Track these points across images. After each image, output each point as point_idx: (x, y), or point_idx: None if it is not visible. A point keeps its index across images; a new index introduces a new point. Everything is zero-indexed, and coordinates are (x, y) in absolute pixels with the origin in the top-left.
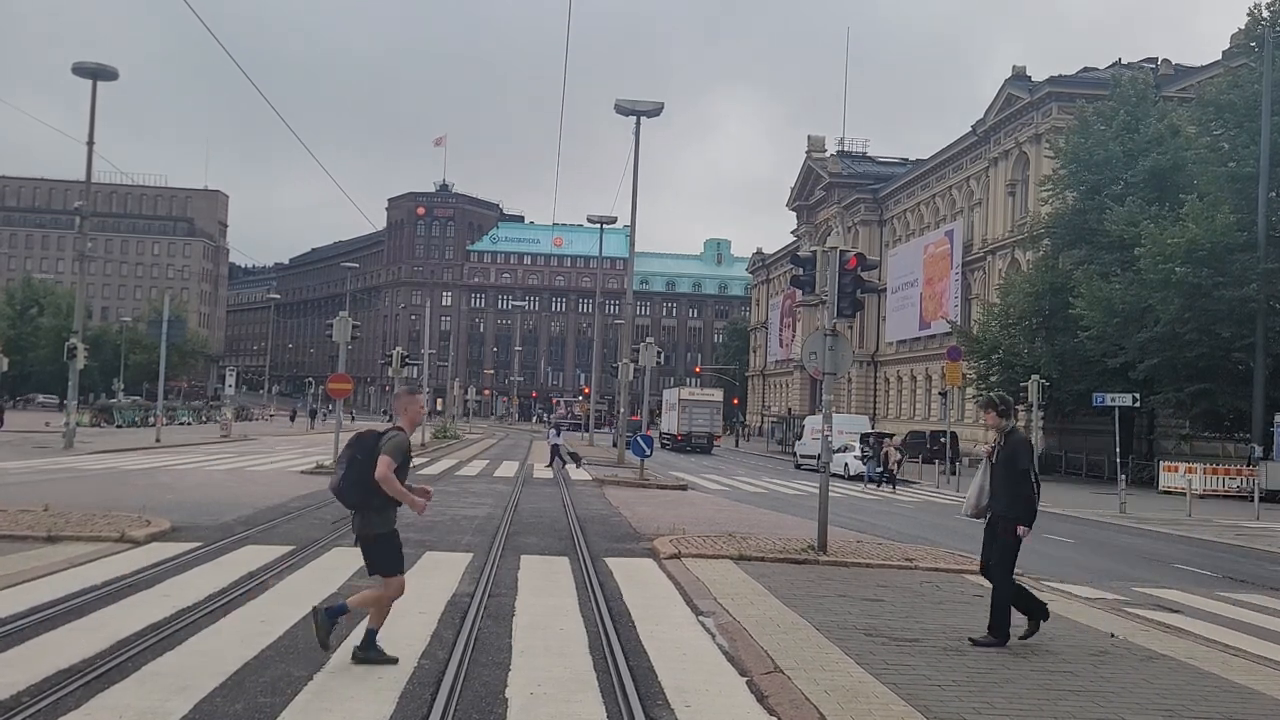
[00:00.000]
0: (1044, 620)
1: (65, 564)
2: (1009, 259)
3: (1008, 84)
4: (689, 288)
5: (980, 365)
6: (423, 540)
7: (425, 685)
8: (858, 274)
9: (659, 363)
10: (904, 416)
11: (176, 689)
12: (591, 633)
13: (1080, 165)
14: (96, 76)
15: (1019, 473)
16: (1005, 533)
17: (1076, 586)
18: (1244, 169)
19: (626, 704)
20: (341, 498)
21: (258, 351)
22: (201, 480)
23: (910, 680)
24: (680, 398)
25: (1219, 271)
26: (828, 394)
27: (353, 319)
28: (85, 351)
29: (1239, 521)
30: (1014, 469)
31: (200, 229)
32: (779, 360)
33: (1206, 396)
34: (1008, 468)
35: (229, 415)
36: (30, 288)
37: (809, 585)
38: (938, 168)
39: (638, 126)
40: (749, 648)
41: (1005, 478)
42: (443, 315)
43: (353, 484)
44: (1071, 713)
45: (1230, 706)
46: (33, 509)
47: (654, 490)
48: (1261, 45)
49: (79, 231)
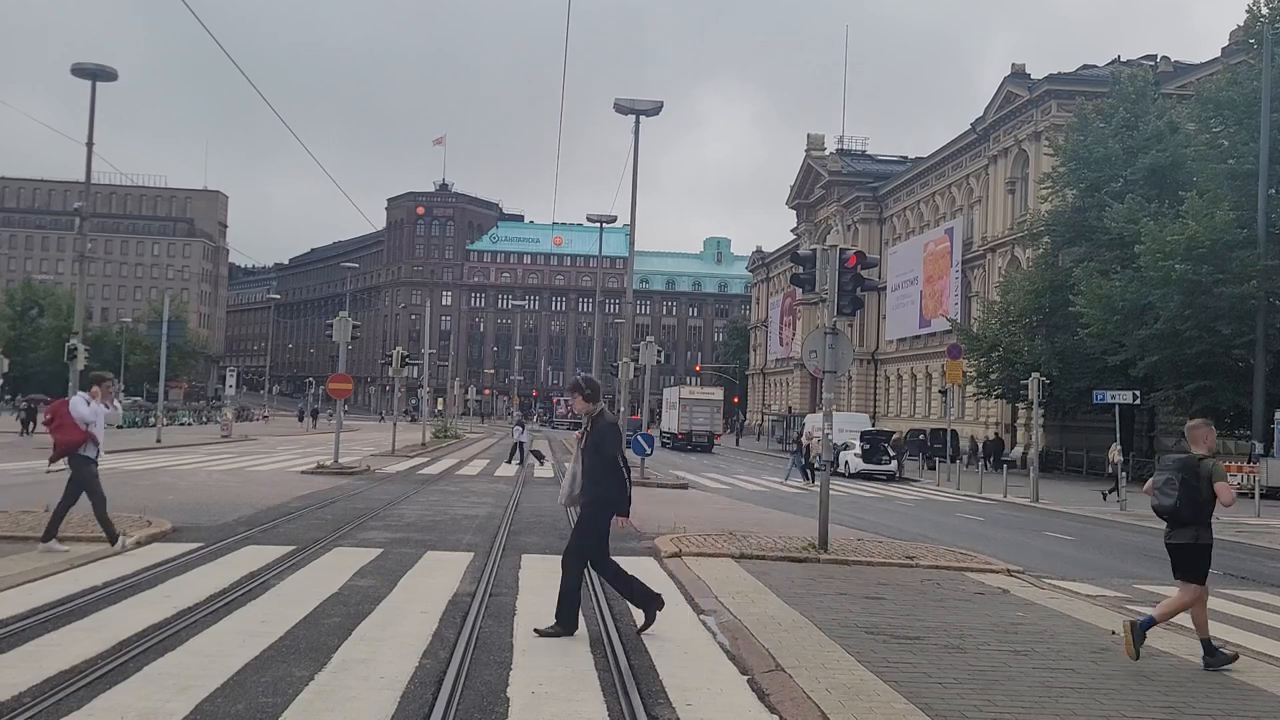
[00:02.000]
0: (660, 610)
1: (66, 565)
2: (1009, 257)
3: (1007, 81)
4: (689, 286)
5: (980, 363)
6: (424, 540)
7: (426, 685)
8: (858, 272)
9: (659, 362)
10: (904, 414)
11: (178, 689)
12: (592, 631)
13: (1080, 163)
14: (96, 77)
15: (607, 459)
16: (587, 520)
17: (1077, 584)
18: (1244, 166)
19: (628, 702)
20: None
21: (258, 352)
22: (202, 480)
23: (911, 678)
24: (681, 396)
25: (1219, 268)
26: (828, 392)
27: (353, 319)
28: (85, 352)
29: (1239, 519)
30: (602, 455)
31: (200, 229)
32: (779, 359)
33: (1207, 394)
34: (596, 454)
35: (229, 416)
36: (30, 289)
37: (810, 583)
38: (937, 166)
39: (637, 126)
40: (750, 646)
41: (594, 465)
42: (443, 315)
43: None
44: (1073, 710)
45: (1231, 704)
46: (34, 510)
47: (654, 489)
48: (1261, 42)
49: (79, 232)
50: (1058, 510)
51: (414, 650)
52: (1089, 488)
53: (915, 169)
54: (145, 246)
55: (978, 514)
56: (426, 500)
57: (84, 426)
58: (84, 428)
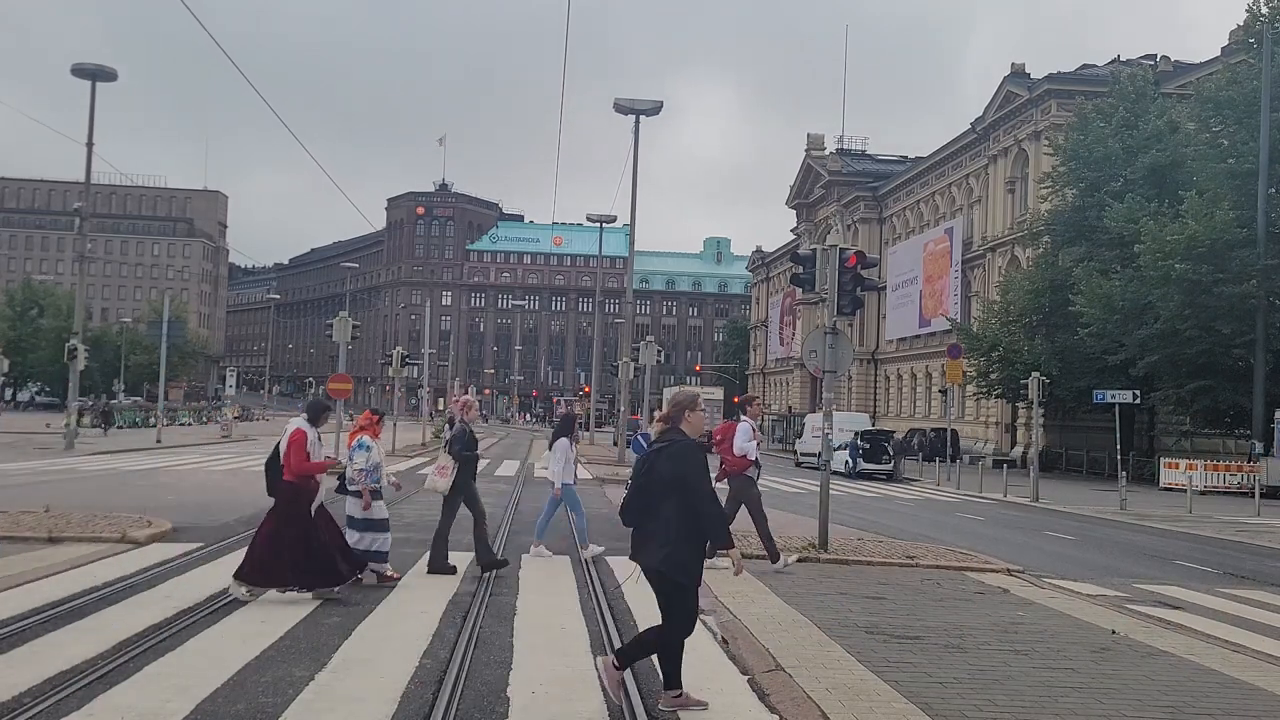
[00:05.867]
0: None
1: (67, 565)
2: (1009, 256)
3: (1007, 81)
4: (689, 286)
5: (980, 363)
6: (424, 540)
7: (427, 685)
8: (857, 272)
9: (659, 361)
10: (904, 414)
11: (178, 689)
12: (593, 631)
13: (1080, 162)
14: (96, 78)
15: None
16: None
17: (1078, 583)
18: (1243, 165)
19: (628, 702)
20: None
21: (258, 352)
22: (202, 481)
23: (912, 678)
24: None
25: (1219, 268)
26: (828, 392)
27: (353, 319)
28: (85, 353)
29: (1240, 518)
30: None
31: (200, 229)
32: (779, 358)
33: (1207, 393)
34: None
35: (230, 415)
36: (30, 289)
37: (810, 583)
38: (937, 165)
39: (636, 125)
40: (750, 646)
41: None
42: (443, 315)
43: None
44: (1073, 710)
45: (1232, 703)
46: (34, 510)
47: None
48: (1260, 42)
49: (79, 232)
50: (1058, 510)
51: (414, 650)
52: (1089, 487)
53: (915, 169)
54: (145, 246)
55: (978, 514)
56: (426, 500)
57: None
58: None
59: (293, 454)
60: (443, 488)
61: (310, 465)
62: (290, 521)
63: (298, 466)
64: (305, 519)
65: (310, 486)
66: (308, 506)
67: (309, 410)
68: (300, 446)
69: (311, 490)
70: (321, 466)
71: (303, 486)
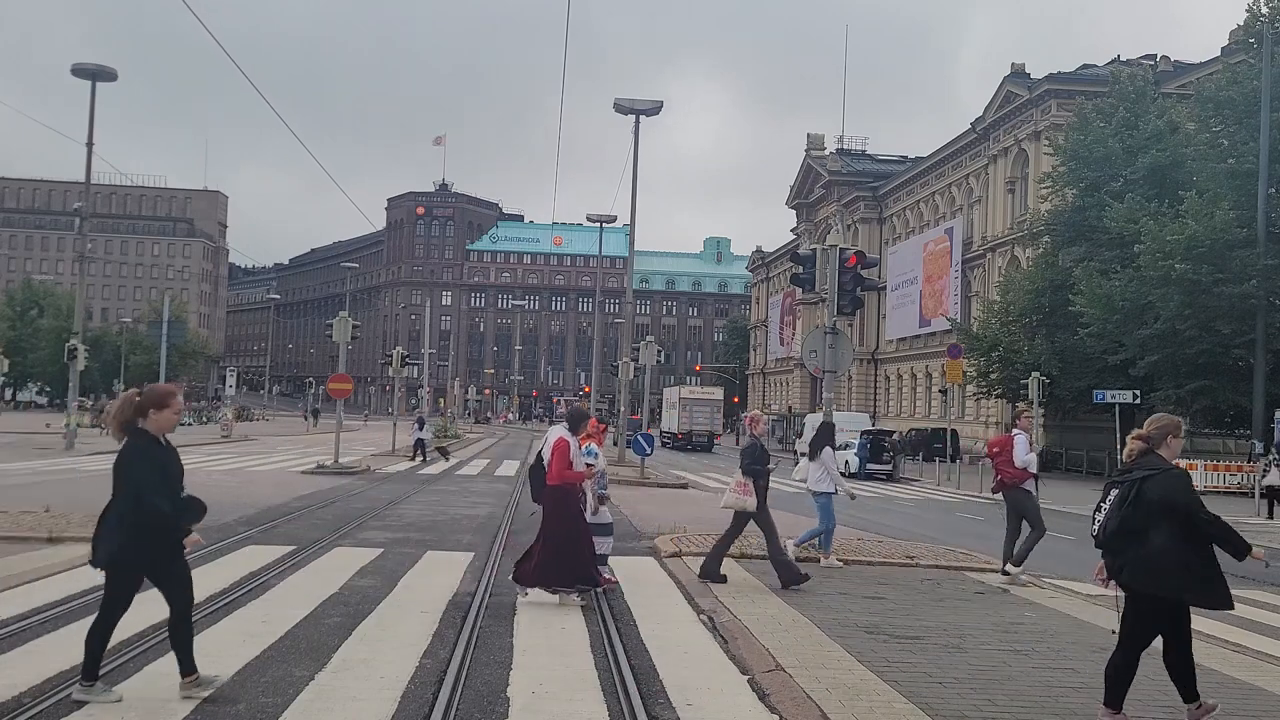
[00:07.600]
0: None
1: (67, 565)
2: (1009, 256)
3: (1006, 81)
4: (689, 286)
5: (980, 362)
6: (424, 540)
7: (427, 685)
8: (857, 271)
9: (659, 361)
10: (904, 414)
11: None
12: (593, 631)
13: (1080, 162)
14: (96, 78)
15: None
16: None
17: (1078, 583)
18: (1243, 165)
19: (628, 702)
20: None
21: (258, 352)
22: (202, 481)
23: (912, 678)
24: (681, 396)
25: (1219, 268)
26: (828, 392)
27: (353, 319)
28: (85, 353)
29: (1240, 518)
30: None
31: (200, 229)
32: (779, 358)
33: (1207, 393)
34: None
35: (230, 415)
36: (30, 289)
37: (810, 583)
38: (937, 165)
39: (637, 125)
40: (750, 646)
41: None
42: (443, 315)
43: None
44: (1073, 710)
45: (1232, 703)
46: (34, 510)
47: (655, 489)
48: (1260, 42)
49: (79, 233)
50: (1058, 510)
51: (414, 650)
52: (1089, 487)
53: (915, 169)
54: (145, 246)
55: (978, 514)
56: (426, 500)
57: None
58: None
59: (555, 461)
60: (751, 506)
61: (572, 474)
62: (561, 521)
63: (559, 474)
64: (576, 518)
65: (575, 491)
66: (576, 507)
67: (570, 418)
68: (563, 454)
69: (577, 494)
70: (582, 476)
71: (568, 489)
